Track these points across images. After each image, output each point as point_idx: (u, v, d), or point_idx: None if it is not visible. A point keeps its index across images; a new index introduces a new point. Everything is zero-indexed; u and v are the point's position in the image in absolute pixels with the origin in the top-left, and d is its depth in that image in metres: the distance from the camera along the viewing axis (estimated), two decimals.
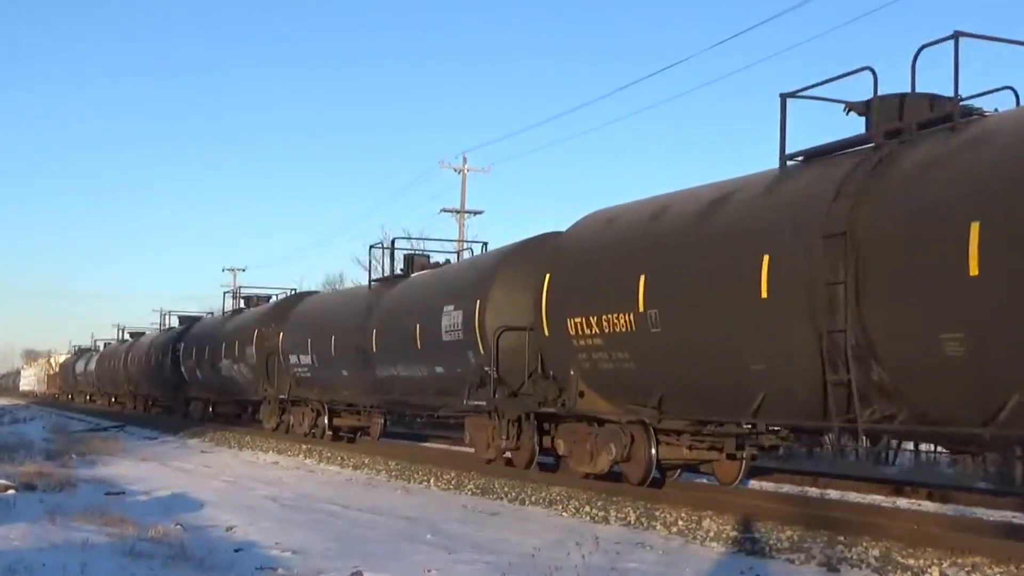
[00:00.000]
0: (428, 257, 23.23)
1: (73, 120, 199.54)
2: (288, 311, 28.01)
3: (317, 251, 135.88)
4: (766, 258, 11.01)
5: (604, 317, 13.38)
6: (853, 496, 14.67)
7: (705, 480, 17.04)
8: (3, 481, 13.70)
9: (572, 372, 14.33)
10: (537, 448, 16.02)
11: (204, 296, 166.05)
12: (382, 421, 24.77)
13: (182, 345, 37.56)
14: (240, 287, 47.14)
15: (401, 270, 22.79)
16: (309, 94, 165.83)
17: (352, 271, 42.09)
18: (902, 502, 14.01)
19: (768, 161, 12.17)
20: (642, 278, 12.81)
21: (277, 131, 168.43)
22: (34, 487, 13.83)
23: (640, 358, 13.00)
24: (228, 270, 67.06)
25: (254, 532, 10.75)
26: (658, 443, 13.50)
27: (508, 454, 16.84)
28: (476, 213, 42.07)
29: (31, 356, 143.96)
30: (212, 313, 43.33)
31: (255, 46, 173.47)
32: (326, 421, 24.89)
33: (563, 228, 16.01)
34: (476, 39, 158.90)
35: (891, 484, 15.53)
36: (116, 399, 55.68)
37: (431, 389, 19.18)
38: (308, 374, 25.27)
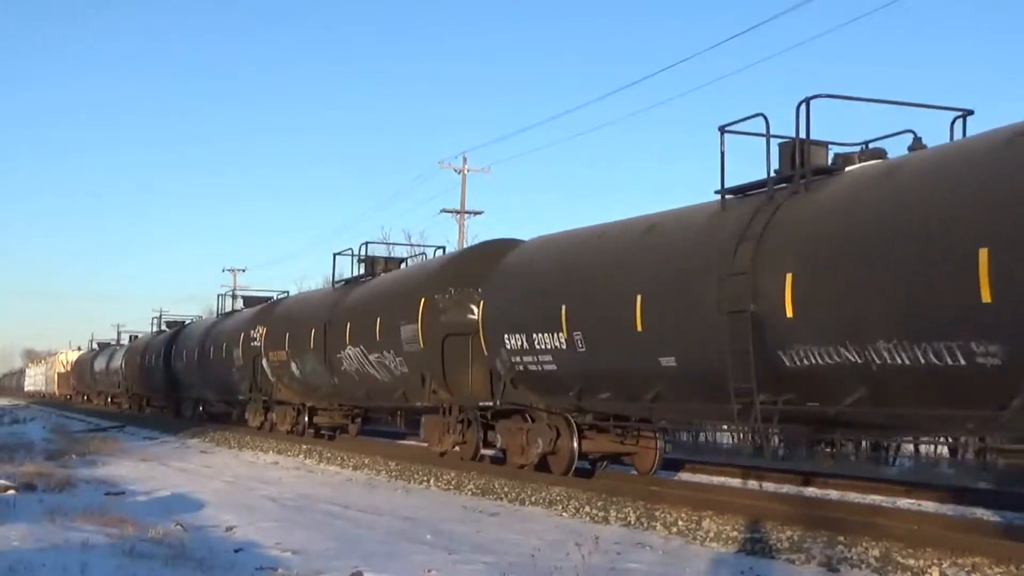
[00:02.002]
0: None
1: (73, 120, 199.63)
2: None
3: (317, 251, 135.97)
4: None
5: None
6: (853, 496, 14.67)
7: (704, 480, 17.06)
8: (3, 481, 13.70)
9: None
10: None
11: (204, 296, 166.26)
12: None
13: (263, 331, 27.83)
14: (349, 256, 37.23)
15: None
16: (309, 94, 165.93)
17: (353, 271, 42.06)
18: (902, 502, 14.01)
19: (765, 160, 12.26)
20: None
21: (277, 131, 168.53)
22: (34, 487, 13.83)
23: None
24: (228, 270, 67.11)
25: (254, 532, 10.75)
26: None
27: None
28: (476, 213, 42.12)
29: (31, 356, 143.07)
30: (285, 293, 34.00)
31: (255, 46, 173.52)
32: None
33: (562, 228, 16.92)
34: (476, 39, 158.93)
35: (891, 484, 15.53)
36: (148, 402, 46.67)
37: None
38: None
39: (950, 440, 18.35)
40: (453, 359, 17.90)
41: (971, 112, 11.49)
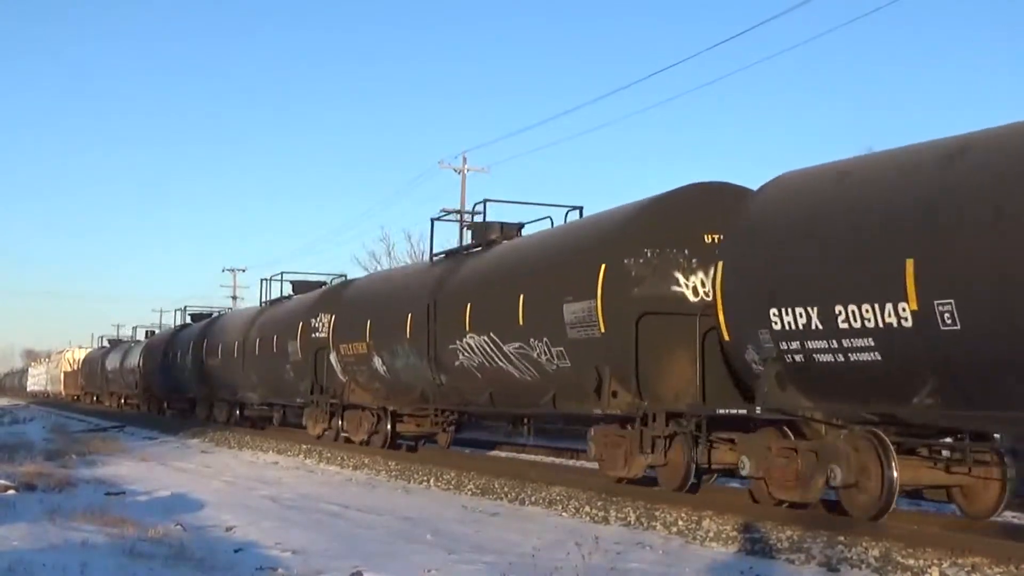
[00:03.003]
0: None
1: (73, 120, 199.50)
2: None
3: (317, 251, 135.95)
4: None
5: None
6: None
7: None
8: (3, 481, 13.71)
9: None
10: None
11: (204, 297, 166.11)
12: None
13: (330, 319, 23.58)
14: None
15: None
16: (309, 94, 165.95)
17: (353, 271, 41.90)
18: (902, 502, 14.00)
19: (766, 160, 12.24)
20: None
21: (277, 131, 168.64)
22: (34, 487, 13.83)
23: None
24: (228, 270, 67.11)
25: (254, 532, 10.76)
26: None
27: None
28: (476, 213, 42.03)
29: (31, 356, 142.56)
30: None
31: (255, 46, 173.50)
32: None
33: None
34: (476, 39, 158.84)
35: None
36: (170, 404, 41.76)
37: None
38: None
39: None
40: (651, 348, 13.10)
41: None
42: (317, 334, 24.00)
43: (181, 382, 37.48)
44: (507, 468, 17.22)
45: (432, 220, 21.30)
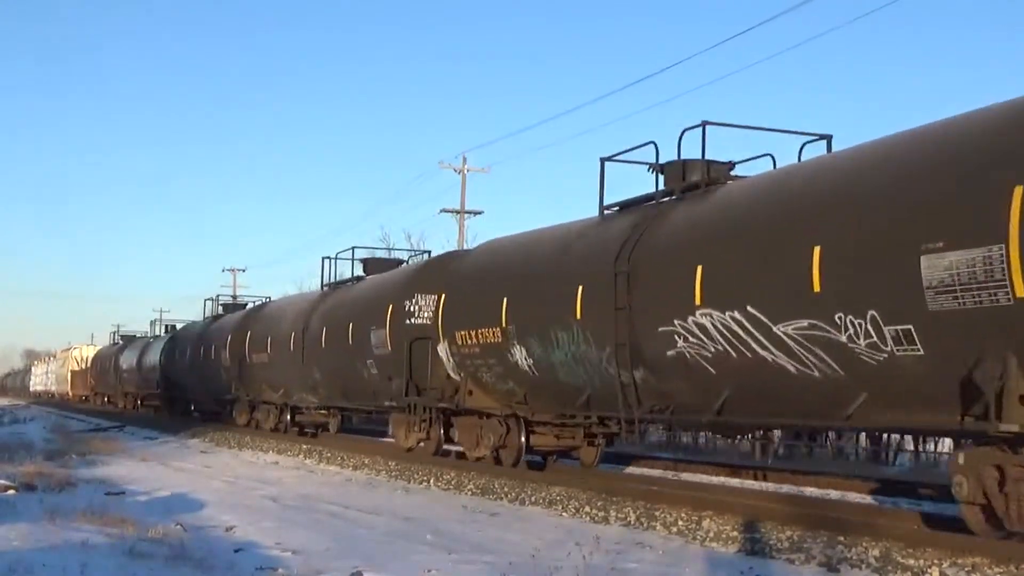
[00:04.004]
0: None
1: (73, 120, 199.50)
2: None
3: (317, 251, 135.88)
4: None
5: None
6: (853, 496, 14.66)
7: (704, 479, 17.06)
8: (3, 481, 13.70)
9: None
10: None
11: (203, 297, 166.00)
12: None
13: (441, 298, 18.75)
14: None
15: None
16: (309, 94, 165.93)
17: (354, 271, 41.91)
18: (902, 502, 14.00)
19: (767, 160, 12.14)
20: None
21: (277, 131, 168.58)
22: (34, 487, 13.82)
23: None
24: (228, 270, 67.04)
25: (254, 532, 10.75)
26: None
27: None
28: (476, 213, 42.09)
29: (31, 356, 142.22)
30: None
31: (255, 46, 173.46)
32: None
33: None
34: (476, 39, 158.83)
35: (891, 484, 15.52)
36: (196, 406, 37.89)
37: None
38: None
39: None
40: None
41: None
42: (415, 319, 19.39)
43: (215, 382, 32.14)
44: (508, 468, 17.20)
45: (602, 160, 15.33)
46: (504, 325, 15.69)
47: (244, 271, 68.39)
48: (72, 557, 8.23)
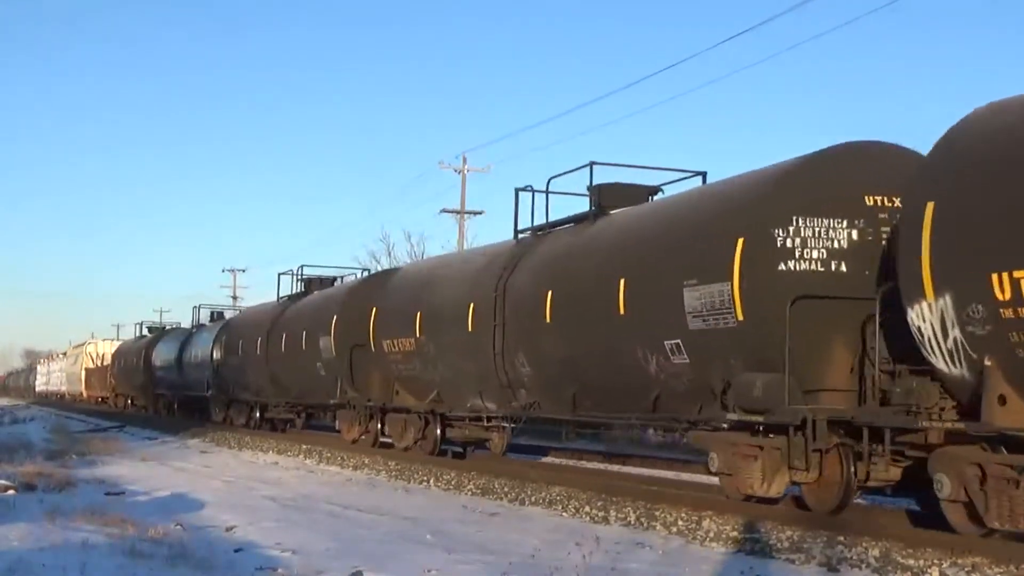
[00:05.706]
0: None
1: (72, 120, 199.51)
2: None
3: (317, 251, 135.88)
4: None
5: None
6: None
7: (704, 479, 17.05)
8: (3, 481, 13.71)
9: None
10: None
11: (204, 297, 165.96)
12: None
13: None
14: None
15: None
16: (309, 94, 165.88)
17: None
18: (902, 502, 14.00)
19: (765, 160, 12.22)
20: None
21: (277, 131, 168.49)
22: (34, 487, 13.83)
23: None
24: (228, 270, 67.01)
25: (254, 532, 10.75)
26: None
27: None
28: (476, 213, 42.13)
29: (31, 356, 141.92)
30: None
31: (255, 46, 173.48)
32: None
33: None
34: (476, 39, 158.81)
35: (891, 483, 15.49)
36: (265, 409, 29.78)
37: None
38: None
39: None
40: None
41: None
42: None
43: (303, 381, 26.01)
44: (507, 468, 17.20)
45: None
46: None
47: (244, 271, 68.39)
48: (72, 557, 8.24)
